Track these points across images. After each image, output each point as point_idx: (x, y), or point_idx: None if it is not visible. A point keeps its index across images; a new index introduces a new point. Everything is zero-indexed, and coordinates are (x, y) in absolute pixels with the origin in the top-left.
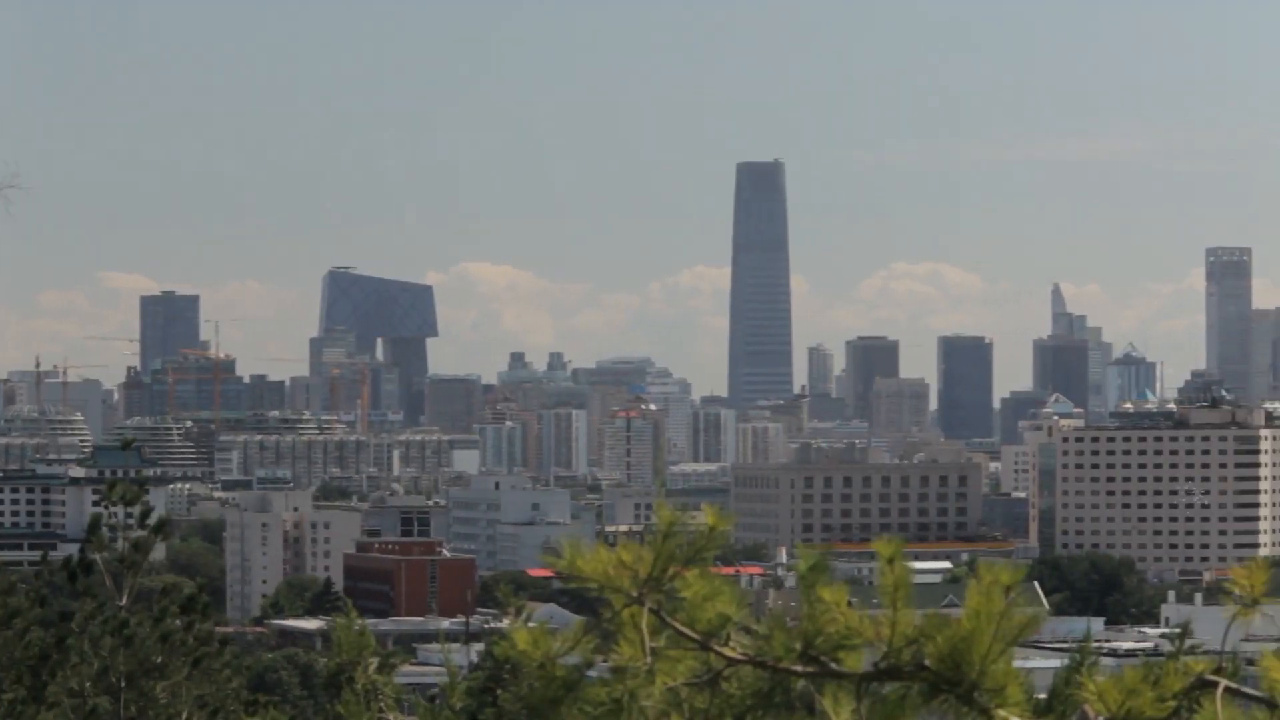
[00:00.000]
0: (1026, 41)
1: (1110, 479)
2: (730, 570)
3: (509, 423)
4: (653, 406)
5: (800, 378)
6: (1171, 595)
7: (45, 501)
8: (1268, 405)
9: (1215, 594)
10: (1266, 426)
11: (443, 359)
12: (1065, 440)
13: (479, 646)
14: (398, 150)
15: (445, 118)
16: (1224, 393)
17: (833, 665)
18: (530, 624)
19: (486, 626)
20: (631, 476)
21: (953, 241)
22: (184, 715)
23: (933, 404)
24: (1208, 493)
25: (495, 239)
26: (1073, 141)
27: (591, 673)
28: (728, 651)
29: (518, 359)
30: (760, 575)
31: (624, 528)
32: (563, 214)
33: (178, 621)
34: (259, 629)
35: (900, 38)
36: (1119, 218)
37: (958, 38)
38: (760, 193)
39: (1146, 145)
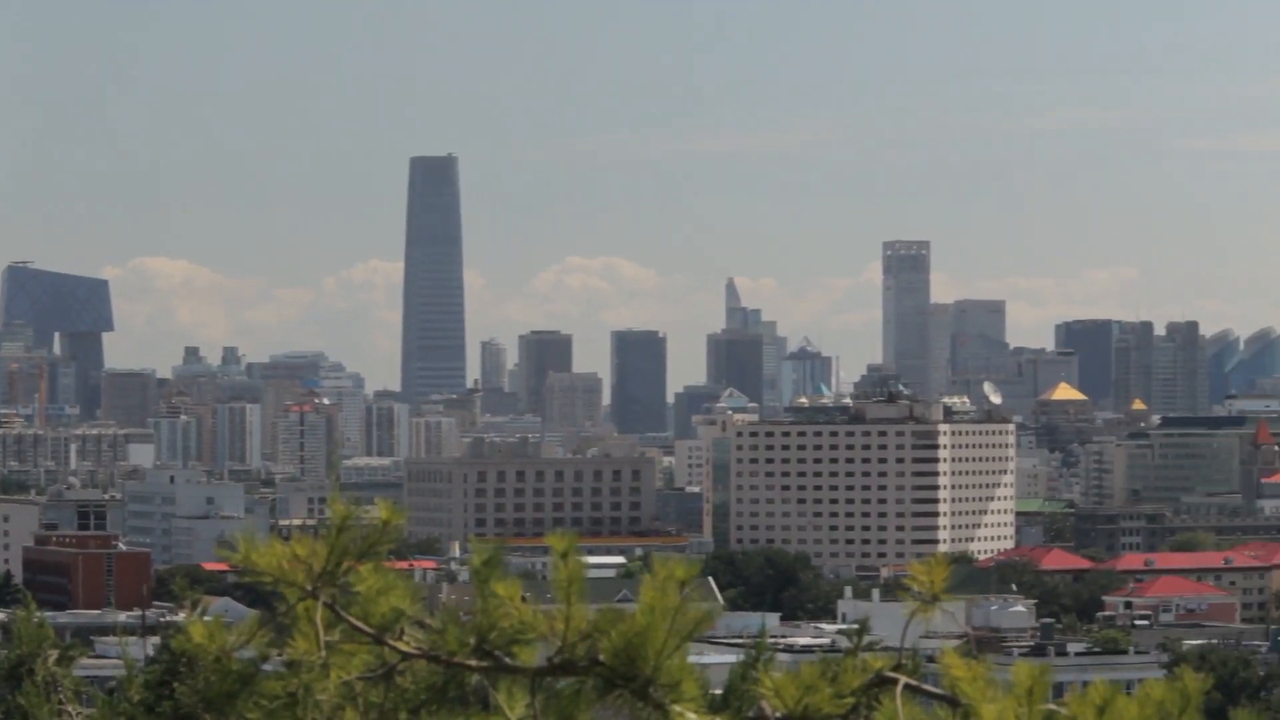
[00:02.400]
0: (701, 34)
1: (785, 474)
2: (404, 564)
3: (184, 417)
4: (326, 401)
5: (473, 372)
6: (848, 591)
7: None
8: (946, 400)
9: (893, 590)
10: (944, 422)
11: (119, 353)
12: (739, 435)
13: (155, 640)
14: (74, 144)
15: (120, 114)
16: (901, 387)
17: (507, 660)
18: (205, 617)
19: (163, 620)
20: (305, 470)
21: (627, 236)
22: None
23: (606, 398)
24: (884, 488)
25: (171, 234)
26: (749, 134)
27: (267, 666)
28: (402, 645)
29: (192, 353)
30: (434, 569)
31: (298, 522)
32: (238, 209)
33: None
34: None
35: (573, 30)
36: (795, 211)
37: (629, 30)
38: (433, 187)
39: (823, 138)
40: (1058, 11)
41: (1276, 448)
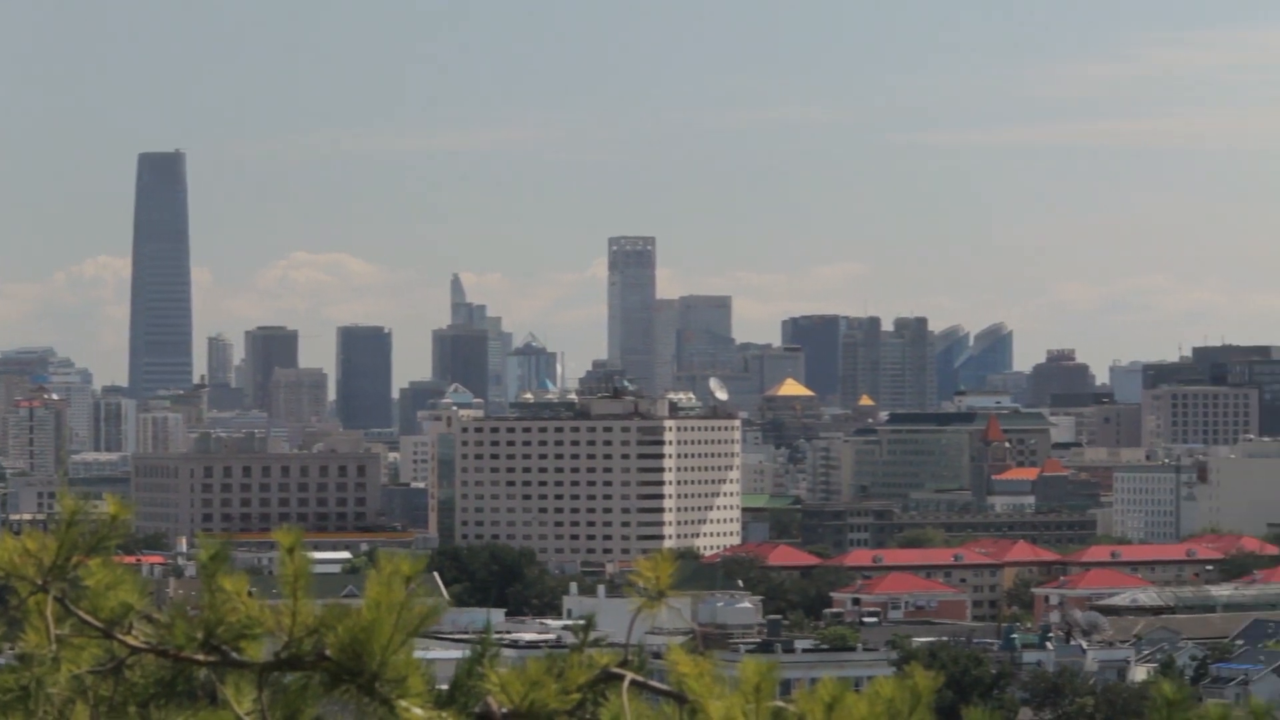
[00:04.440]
0: (429, 30)
1: (510, 470)
2: (132, 559)
3: None
4: (55, 396)
5: (200, 367)
6: (574, 587)
7: None
8: (671, 396)
9: (619, 586)
10: (670, 418)
11: None
12: (464, 431)
13: None
14: None
15: None
16: (626, 383)
17: (234, 654)
18: None
19: None
20: (35, 466)
21: (354, 231)
22: None
23: (332, 394)
24: (610, 484)
25: None
26: (475, 131)
27: None
28: (130, 640)
29: None
30: (161, 564)
31: (28, 516)
32: None
33: None
34: None
35: (300, 26)
36: (521, 207)
37: (356, 25)
38: (161, 183)
39: (549, 134)
40: (783, 7)
41: (1007, 444)
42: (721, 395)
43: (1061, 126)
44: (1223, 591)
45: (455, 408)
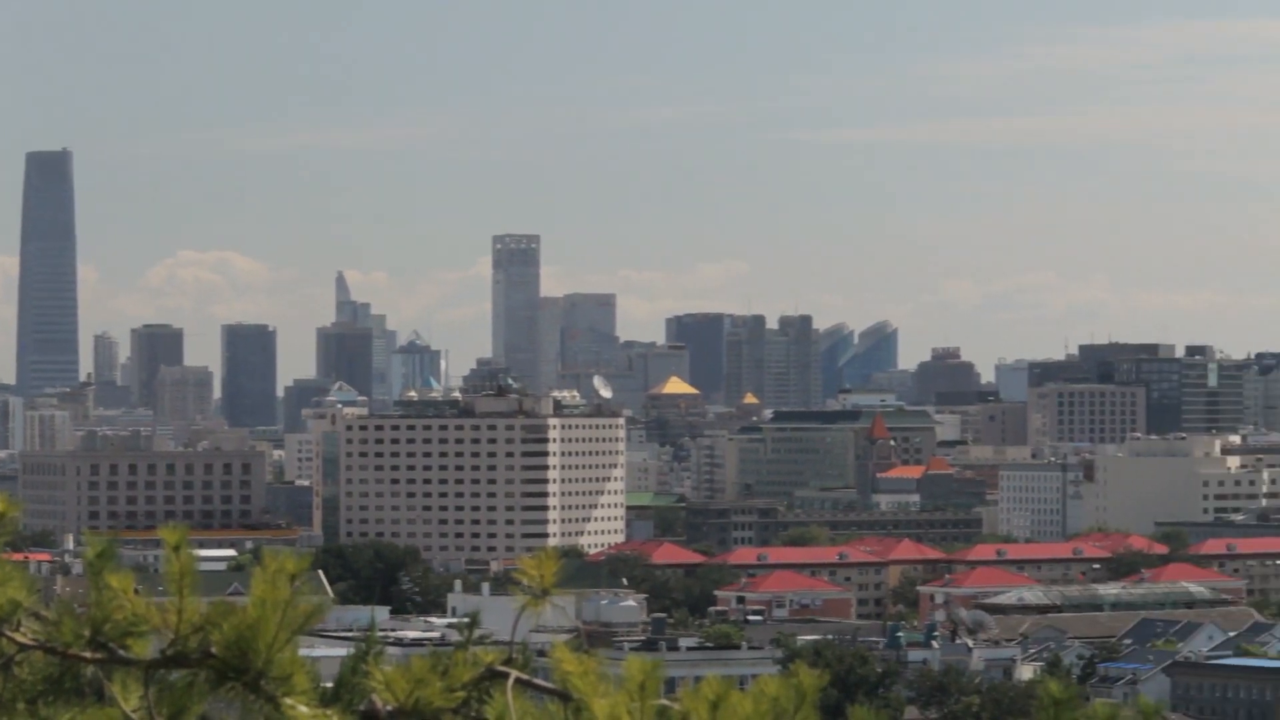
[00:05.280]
0: (310, 29)
1: (395, 467)
2: (19, 557)
3: None
4: None
5: (87, 365)
6: (458, 585)
7: None
8: (555, 394)
9: (503, 584)
10: (554, 415)
11: None
12: (348, 429)
13: None
14: None
15: None
16: (510, 381)
17: (121, 652)
18: None
19: None
20: None
21: (240, 229)
22: None
23: (217, 392)
24: (494, 482)
25: None
26: (360, 129)
27: None
28: (19, 637)
29: None
30: (48, 562)
31: None
32: None
33: None
34: None
35: (185, 24)
36: (406, 205)
37: (239, 24)
38: (48, 181)
39: (433, 132)
40: (667, 6)
41: (891, 442)
42: (606, 393)
43: (947, 124)
44: (1110, 590)
45: (340, 406)
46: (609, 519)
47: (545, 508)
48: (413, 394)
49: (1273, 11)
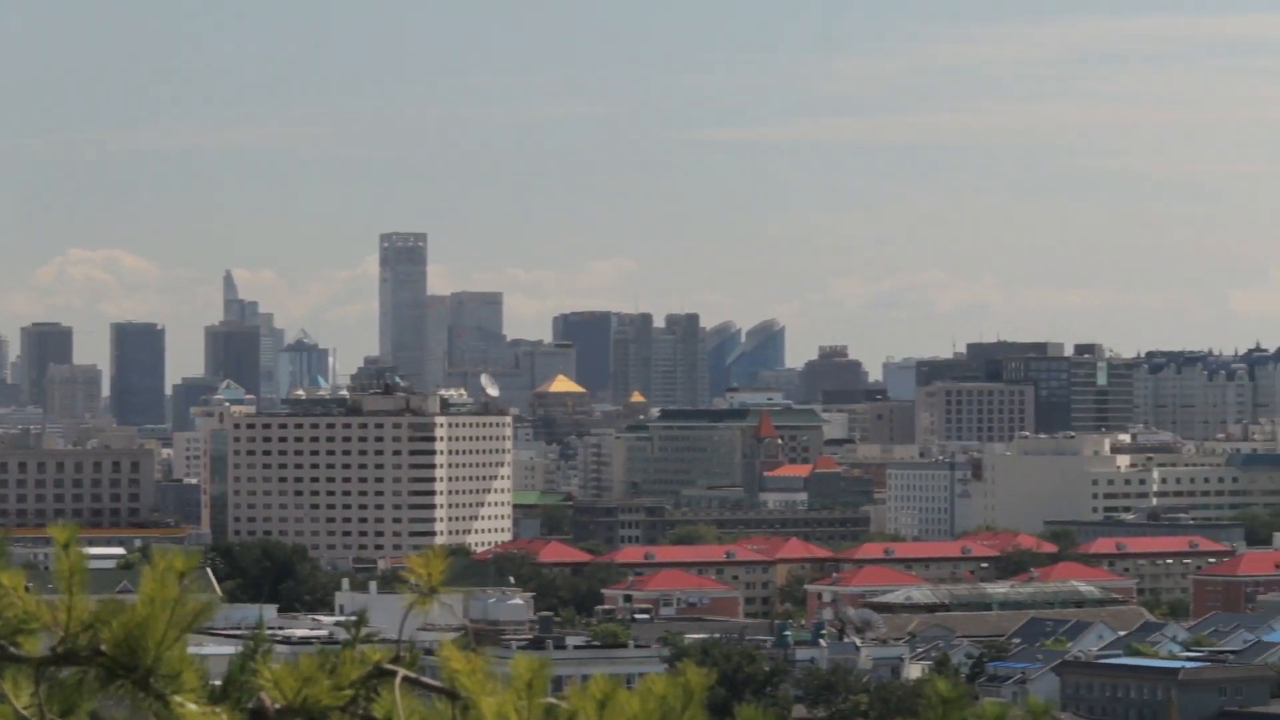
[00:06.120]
0: (197, 27)
1: (282, 466)
2: None
3: None
4: None
5: None
6: (346, 583)
7: None
8: (443, 392)
9: (391, 582)
10: (441, 414)
11: None
12: (236, 427)
13: None
14: None
15: None
16: (398, 380)
17: (11, 649)
18: None
19: None
20: None
21: (129, 228)
22: None
23: (106, 390)
24: (381, 480)
25: None
26: (248, 127)
27: None
28: None
29: None
30: None
31: None
32: None
33: None
34: None
35: (72, 20)
36: (294, 203)
37: (127, 22)
38: None
39: (321, 131)
40: (553, 4)
41: (779, 441)
42: (493, 391)
43: (836, 122)
44: (999, 589)
45: (227, 404)
46: (496, 517)
47: (432, 506)
48: (300, 392)
49: (1164, 8)
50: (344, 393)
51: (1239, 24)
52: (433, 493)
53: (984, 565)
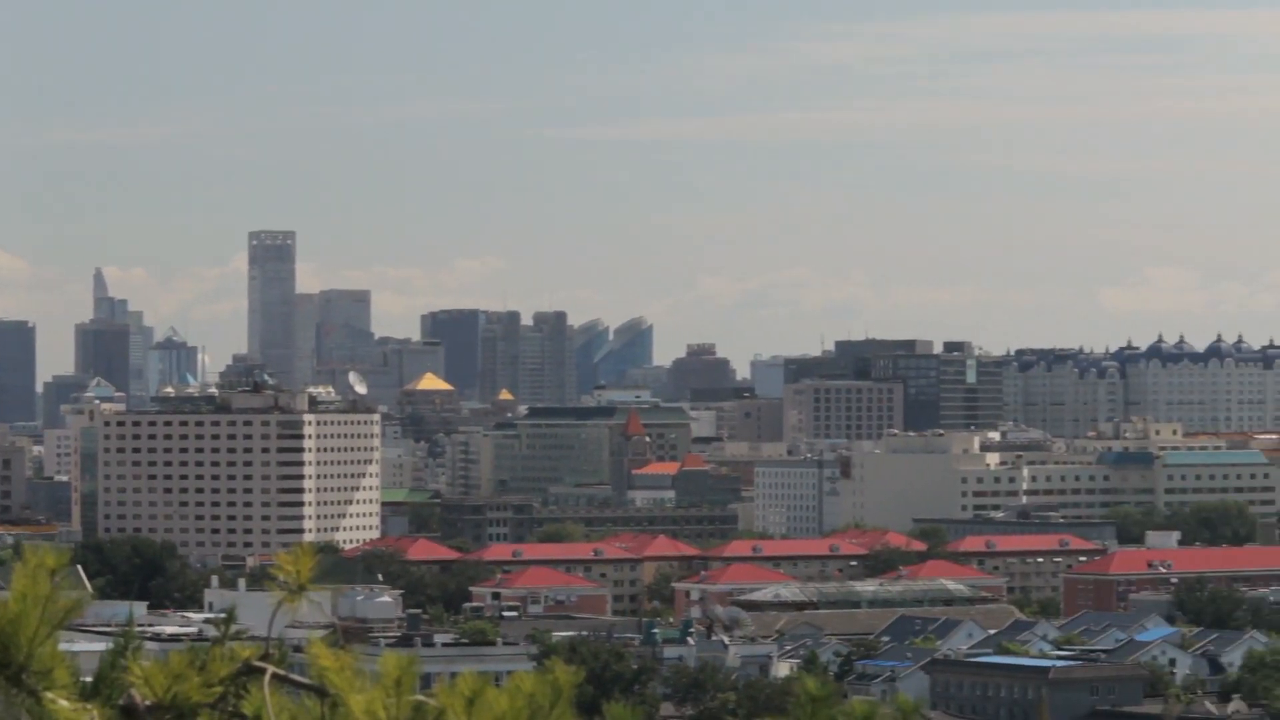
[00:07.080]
0: (74, 25)
1: (152, 463)
2: None
3: None
4: None
5: None
6: (215, 580)
7: None
8: (311, 390)
9: (260, 579)
10: (309, 411)
11: None
12: (107, 424)
13: None
14: None
15: None
16: (266, 377)
17: None
18: None
19: None
20: None
21: (0, 226)
22: None
23: None
24: (250, 478)
25: None
26: (119, 125)
27: None
28: None
29: None
30: None
31: None
32: None
33: None
34: None
35: None
36: (165, 201)
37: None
38: None
39: (190, 128)
40: (424, 3)
41: (647, 439)
42: (361, 389)
43: (703, 120)
44: (867, 587)
45: (97, 401)
46: (364, 515)
47: (301, 503)
48: (170, 390)
49: (1034, 6)
50: (213, 390)
51: (1112, 21)
52: (301, 490)
53: (853, 563)
